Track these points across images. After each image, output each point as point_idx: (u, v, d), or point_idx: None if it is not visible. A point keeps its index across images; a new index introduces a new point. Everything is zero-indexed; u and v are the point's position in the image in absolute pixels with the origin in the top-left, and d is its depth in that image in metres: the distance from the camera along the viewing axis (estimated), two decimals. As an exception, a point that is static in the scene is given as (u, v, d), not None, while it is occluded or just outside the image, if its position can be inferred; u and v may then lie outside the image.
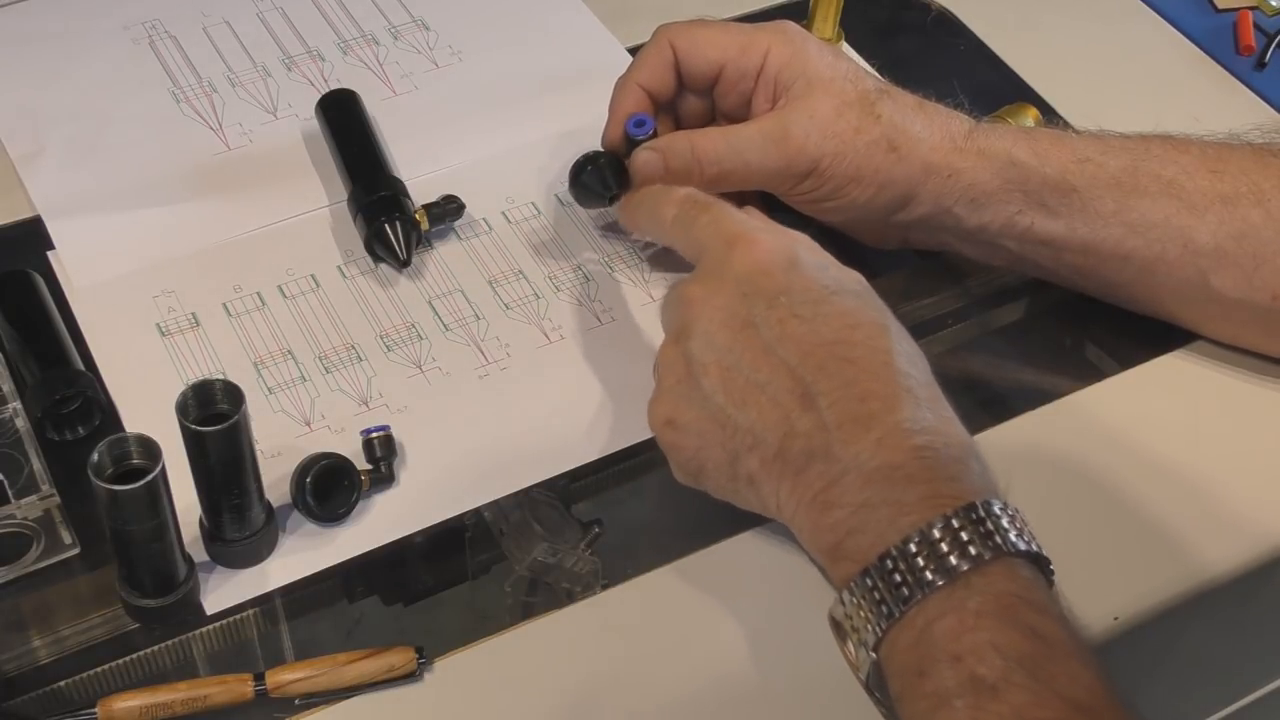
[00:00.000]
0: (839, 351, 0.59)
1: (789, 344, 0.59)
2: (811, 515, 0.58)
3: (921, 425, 0.57)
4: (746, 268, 0.61)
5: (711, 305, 0.61)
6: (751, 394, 0.59)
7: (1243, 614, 0.71)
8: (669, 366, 0.62)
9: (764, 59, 0.71)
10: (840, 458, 0.57)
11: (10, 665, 0.60)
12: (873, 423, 0.57)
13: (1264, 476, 0.68)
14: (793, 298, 0.60)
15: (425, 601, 0.64)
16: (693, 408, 0.60)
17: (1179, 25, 0.93)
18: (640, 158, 0.72)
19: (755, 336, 0.60)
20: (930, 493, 0.55)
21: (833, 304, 0.60)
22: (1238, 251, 0.68)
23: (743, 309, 0.60)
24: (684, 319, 0.62)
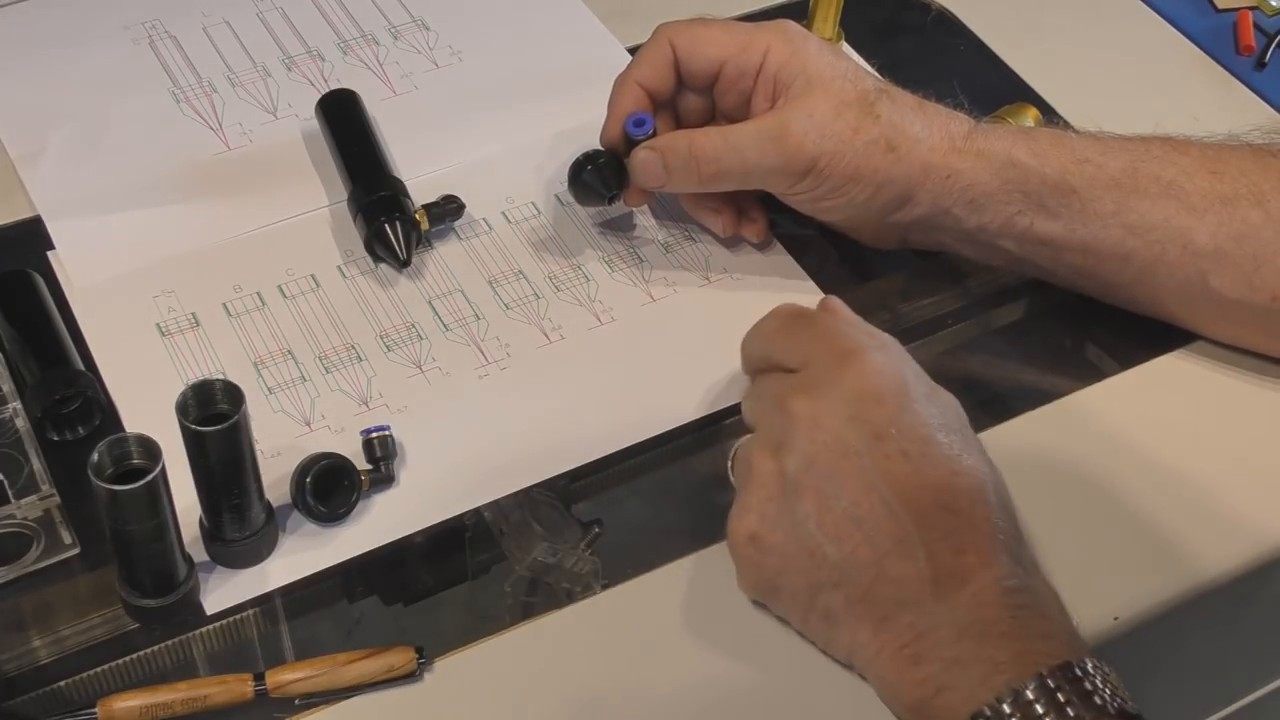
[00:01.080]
0: (941, 500, 0.57)
1: (892, 483, 0.57)
2: (897, 667, 0.56)
3: (1015, 582, 0.55)
4: (857, 390, 0.58)
5: (818, 425, 0.58)
6: (847, 529, 0.57)
7: (1242, 614, 0.71)
8: (761, 480, 0.59)
9: (764, 58, 0.71)
10: (933, 611, 0.55)
11: (10, 665, 0.60)
12: (969, 578, 0.55)
13: (1264, 476, 0.68)
14: (901, 432, 0.57)
15: (425, 601, 0.64)
16: (781, 529, 0.58)
17: (1179, 25, 0.93)
18: (639, 157, 0.72)
19: (859, 468, 0.57)
20: (1024, 649, 0.53)
21: (938, 446, 0.58)
22: (1237, 252, 0.68)
23: (849, 435, 0.57)
24: (784, 432, 0.59)
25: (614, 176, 0.73)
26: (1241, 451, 0.69)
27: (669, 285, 0.75)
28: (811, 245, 0.77)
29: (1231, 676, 0.83)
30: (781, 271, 0.76)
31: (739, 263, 0.77)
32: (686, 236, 0.78)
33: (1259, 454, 0.69)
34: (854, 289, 0.76)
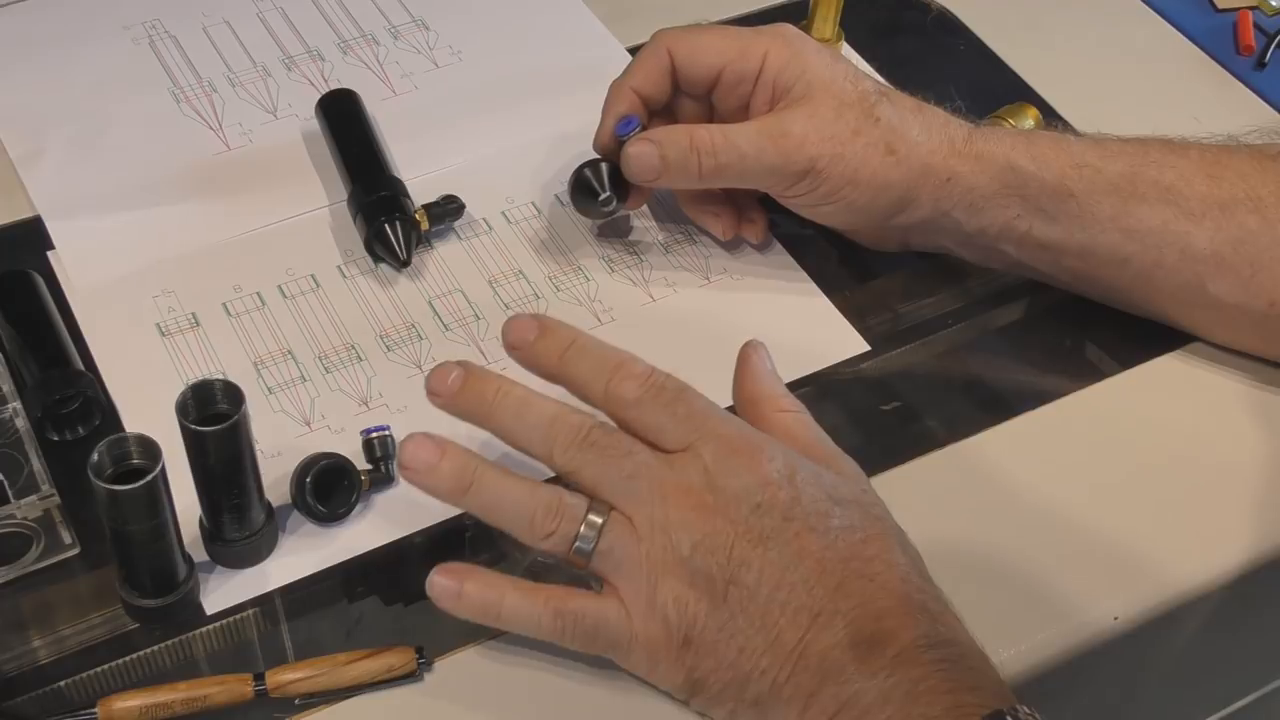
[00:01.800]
0: (853, 568, 0.56)
1: (807, 561, 0.55)
2: None
3: (936, 638, 0.55)
4: (754, 477, 0.56)
5: (722, 514, 0.56)
6: (771, 614, 0.55)
7: (1242, 614, 0.71)
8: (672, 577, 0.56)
9: (762, 62, 0.70)
10: (854, 678, 0.54)
11: (10, 665, 0.60)
12: (889, 641, 0.54)
13: (1264, 477, 0.68)
14: (804, 510, 0.56)
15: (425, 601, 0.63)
16: (709, 628, 0.56)
17: (1179, 25, 0.93)
18: (633, 149, 0.70)
19: (771, 552, 0.56)
20: (955, 703, 0.53)
21: (841, 518, 0.57)
22: (1235, 257, 0.68)
23: (756, 523, 0.56)
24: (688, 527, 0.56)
25: (612, 184, 0.73)
26: (1241, 451, 0.69)
27: (669, 285, 0.75)
28: (811, 245, 0.77)
29: (1231, 676, 0.83)
30: (781, 272, 0.76)
31: (739, 263, 0.77)
32: (686, 236, 0.78)
33: (1259, 454, 0.69)
34: (854, 289, 0.76)
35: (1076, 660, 0.62)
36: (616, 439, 0.58)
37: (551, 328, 0.60)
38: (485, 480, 0.57)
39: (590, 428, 0.57)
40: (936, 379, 0.66)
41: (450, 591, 0.57)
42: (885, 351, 0.73)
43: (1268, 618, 0.76)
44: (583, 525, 0.57)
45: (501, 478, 0.58)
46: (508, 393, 0.58)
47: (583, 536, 0.57)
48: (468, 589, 0.57)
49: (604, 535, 0.56)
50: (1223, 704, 0.84)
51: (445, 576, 0.57)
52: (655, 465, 0.57)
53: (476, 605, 0.57)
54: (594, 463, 0.57)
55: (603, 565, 0.57)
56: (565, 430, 0.57)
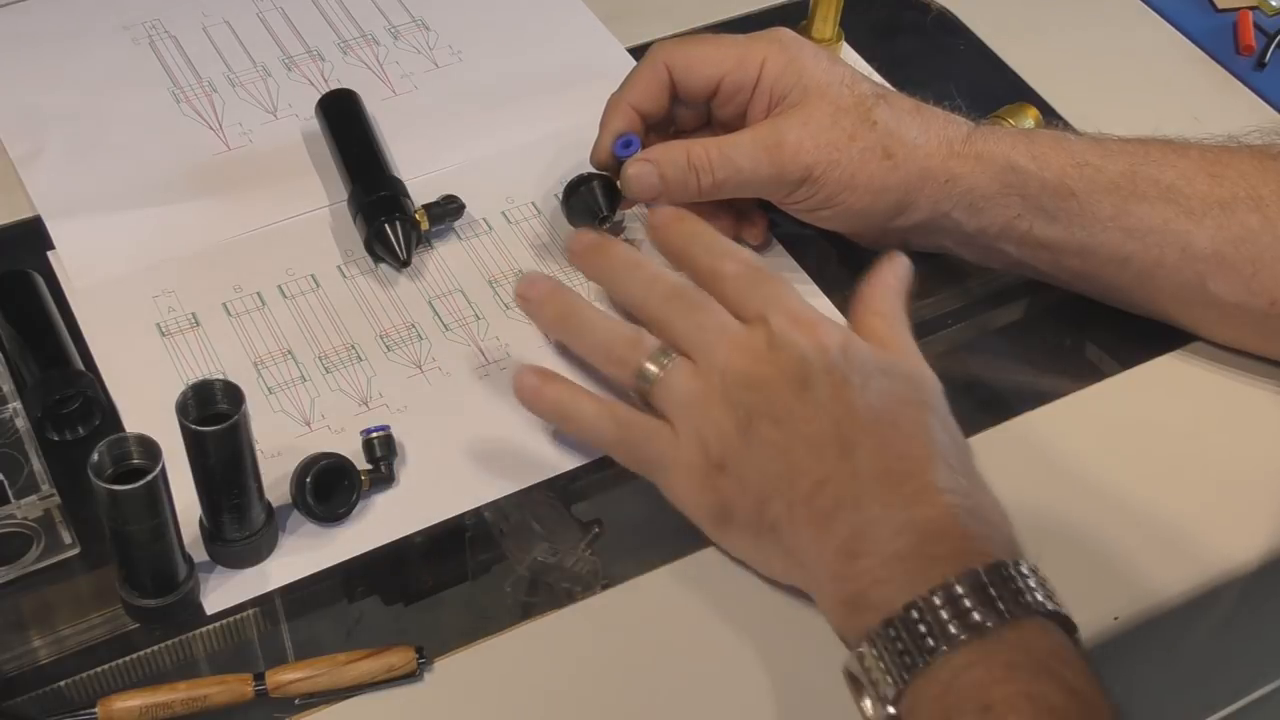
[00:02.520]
0: (885, 416, 0.59)
1: (838, 404, 0.60)
2: (836, 563, 0.57)
3: (955, 486, 0.58)
4: (810, 341, 0.61)
5: (774, 364, 0.61)
6: (795, 445, 0.59)
7: (1242, 614, 0.71)
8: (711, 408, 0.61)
9: (760, 69, 0.70)
10: (869, 506, 0.57)
11: (10, 665, 0.60)
12: (907, 478, 0.58)
13: (1264, 476, 0.68)
14: (850, 367, 0.61)
15: (425, 601, 0.64)
16: (740, 455, 0.60)
17: (1179, 25, 0.93)
18: (633, 169, 0.71)
19: (809, 394, 0.60)
20: (961, 549, 0.55)
21: (883, 381, 0.61)
22: (1236, 256, 0.68)
23: (801, 371, 0.61)
24: (734, 364, 0.61)
25: (606, 199, 0.73)
26: (1241, 451, 0.69)
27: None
28: (811, 245, 0.77)
29: (1231, 676, 0.83)
30: (782, 272, 0.76)
31: (739, 263, 0.77)
32: (686, 236, 0.78)
33: (1259, 454, 0.69)
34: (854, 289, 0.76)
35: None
36: (701, 297, 0.65)
37: (687, 216, 0.69)
38: (581, 312, 0.67)
39: (683, 285, 0.65)
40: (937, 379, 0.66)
41: (532, 388, 0.65)
42: (885, 351, 0.73)
43: (1268, 617, 0.76)
44: (650, 360, 0.63)
45: (594, 313, 0.67)
46: (626, 254, 0.68)
47: (647, 369, 0.63)
48: (547, 389, 0.65)
49: (666, 370, 0.63)
50: (1223, 704, 0.84)
51: (530, 374, 0.65)
52: (727, 322, 0.63)
53: (551, 402, 0.65)
54: (677, 313, 0.64)
55: (661, 395, 0.63)
56: (662, 285, 0.66)
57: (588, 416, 0.64)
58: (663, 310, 0.65)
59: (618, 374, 0.65)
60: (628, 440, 0.63)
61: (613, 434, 0.64)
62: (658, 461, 0.63)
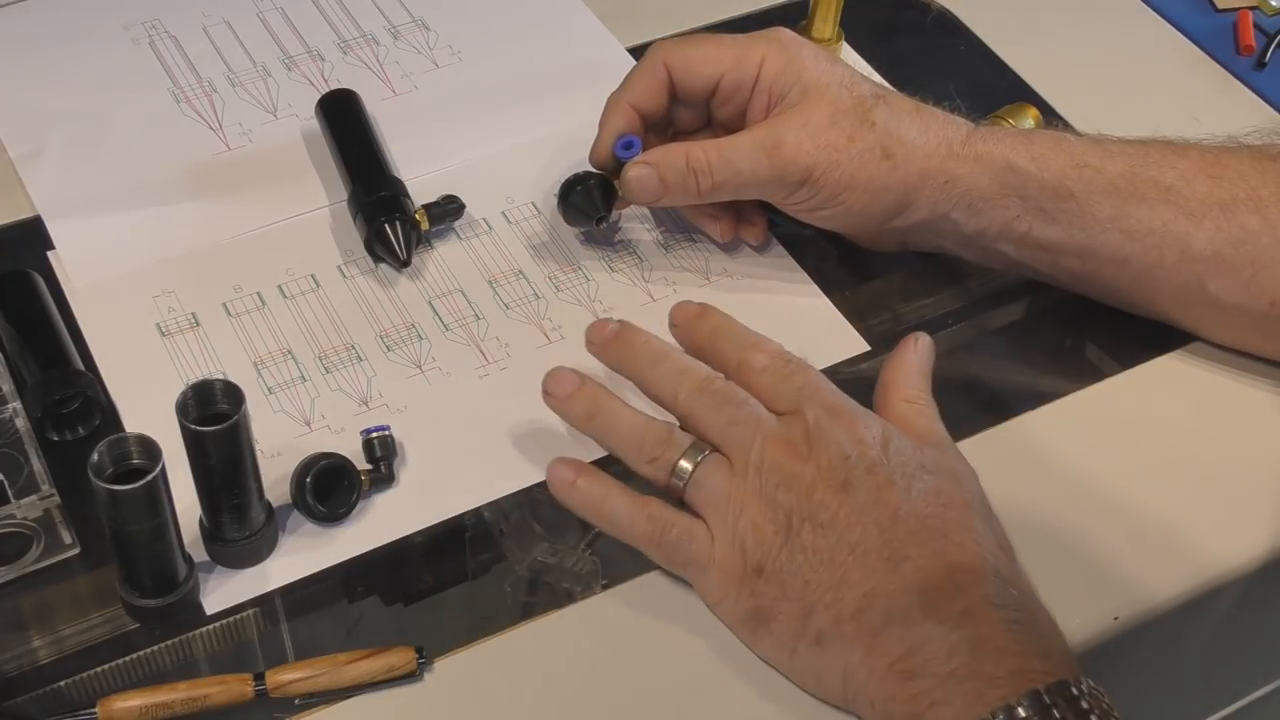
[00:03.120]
0: (930, 524, 0.58)
1: (883, 509, 0.58)
2: (889, 684, 0.55)
3: (1008, 600, 0.56)
4: (849, 436, 0.60)
5: (814, 461, 0.59)
6: (840, 554, 0.58)
7: (1242, 614, 0.71)
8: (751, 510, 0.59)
9: (759, 69, 0.70)
10: (922, 624, 0.55)
11: (10, 665, 0.60)
12: (959, 594, 0.56)
13: (1264, 476, 0.68)
14: (892, 465, 0.59)
15: (425, 601, 0.64)
16: (780, 559, 0.58)
17: (1179, 25, 0.93)
18: (633, 173, 0.71)
19: (851, 498, 0.58)
20: (1020, 667, 0.53)
21: (927, 481, 0.59)
22: (1235, 258, 0.67)
23: (842, 471, 0.59)
24: (773, 465, 0.60)
25: (602, 199, 0.73)
26: (1241, 451, 0.69)
27: (669, 285, 0.75)
28: (811, 245, 0.77)
29: (1231, 676, 0.83)
30: (781, 272, 0.76)
31: (739, 263, 0.77)
32: (686, 237, 0.78)
33: (1259, 454, 0.69)
34: (854, 289, 0.76)
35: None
36: (732, 390, 0.63)
37: (712, 310, 0.67)
38: (610, 409, 0.64)
39: (713, 378, 0.63)
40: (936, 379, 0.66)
41: (565, 481, 0.63)
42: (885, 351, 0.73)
43: (1268, 617, 0.76)
44: (683, 457, 0.61)
45: (623, 409, 0.64)
46: (650, 345, 0.65)
47: (681, 466, 0.61)
48: (580, 482, 0.62)
49: (700, 467, 0.61)
50: (1223, 704, 0.84)
51: (564, 467, 0.63)
52: (761, 416, 0.61)
53: (584, 497, 0.62)
54: (708, 408, 0.62)
55: (695, 494, 0.61)
56: (691, 379, 0.63)
57: (622, 515, 0.62)
58: (693, 405, 0.62)
59: (650, 473, 0.62)
60: (664, 541, 0.61)
61: (647, 533, 0.61)
62: (693, 562, 0.61)
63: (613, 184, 0.73)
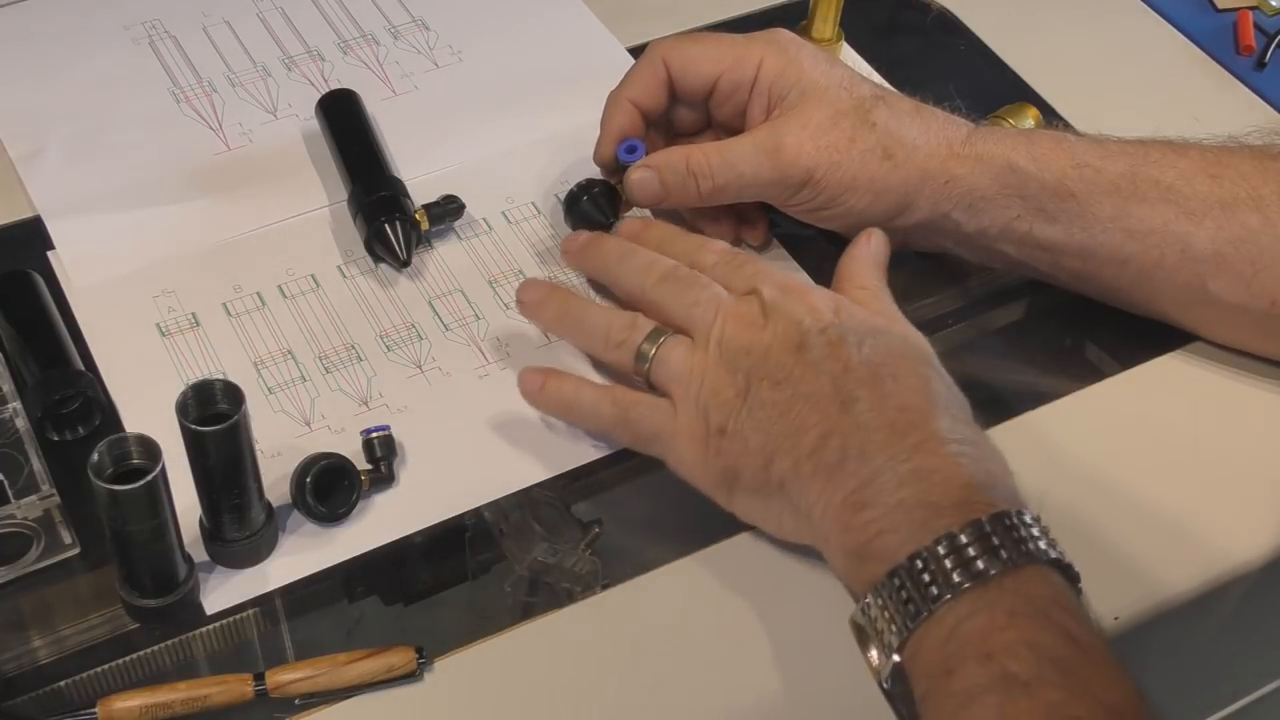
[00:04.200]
0: (882, 371, 0.60)
1: (836, 362, 0.60)
2: (843, 515, 0.58)
3: (958, 435, 0.58)
4: (803, 306, 0.63)
5: (770, 329, 0.62)
6: (796, 403, 0.60)
7: (1243, 614, 0.71)
8: (710, 377, 0.62)
9: (758, 70, 0.71)
10: (874, 457, 0.57)
11: (10, 665, 0.60)
12: (910, 430, 0.58)
13: (1264, 477, 0.68)
14: (845, 327, 0.62)
15: (425, 601, 0.64)
16: (740, 420, 0.61)
17: (1179, 25, 0.93)
18: (635, 176, 0.72)
19: (806, 355, 0.61)
20: (964, 498, 0.56)
21: (878, 339, 0.62)
22: (1236, 257, 0.68)
23: (797, 335, 0.62)
24: (729, 332, 0.63)
25: (609, 205, 0.74)
26: (1242, 451, 0.69)
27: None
28: (811, 245, 0.77)
29: (1232, 676, 0.83)
30: (781, 271, 0.76)
31: (739, 263, 0.77)
32: (686, 236, 0.78)
33: (1259, 454, 0.69)
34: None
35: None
36: (695, 276, 0.66)
37: (655, 222, 0.74)
38: (577, 306, 0.69)
39: (677, 267, 0.67)
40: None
41: (535, 385, 0.67)
42: (885, 351, 0.73)
43: (1268, 617, 0.76)
44: (645, 340, 0.65)
45: (590, 305, 0.69)
46: (618, 244, 0.71)
47: (644, 348, 0.65)
48: (550, 384, 0.67)
49: (662, 347, 0.64)
50: (1223, 704, 0.84)
51: (532, 373, 0.67)
52: (721, 295, 0.65)
53: (553, 396, 0.67)
54: (672, 294, 0.66)
55: (659, 373, 0.64)
56: (657, 269, 0.67)
57: (587, 402, 0.66)
58: (658, 292, 0.66)
59: (617, 358, 0.66)
60: (629, 419, 0.64)
61: (613, 415, 0.65)
62: (659, 435, 0.64)
63: (617, 189, 0.74)
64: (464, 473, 0.67)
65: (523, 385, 0.67)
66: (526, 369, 0.67)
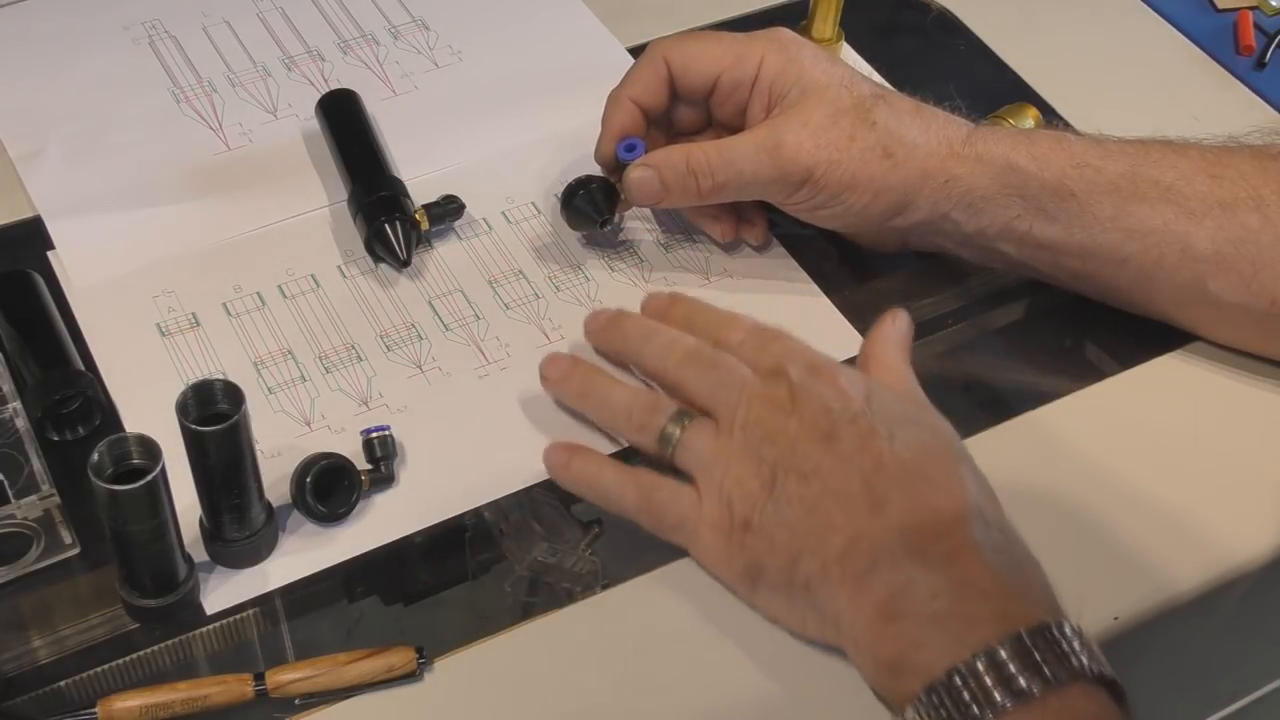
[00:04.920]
0: (914, 469, 0.58)
1: (867, 457, 0.58)
2: (874, 625, 0.56)
3: (991, 542, 0.56)
4: (832, 390, 0.61)
5: (797, 415, 0.60)
6: (824, 501, 0.58)
7: (1243, 614, 0.71)
8: (735, 465, 0.60)
9: (758, 69, 0.70)
10: (906, 565, 0.55)
11: (10, 665, 0.60)
12: (942, 535, 0.56)
13: (1264, 477, 0.68)
14: (875, 415, 0.60)
15: (425, 601, 0.64)
16: (766, 512, 0.59)
17: (1179, 25, 0.93)
18: (634, 174, 0.72)
19: (835, 448, 0.59)
20: (1001, 610, 0.54)
21: (910, 431, 0.60)
22: (1236, 257, 0.67)
23: (826, 423, 0.60)
24: (756, 420, 0.61)
25: (605, 202, 0.74)
26: (1241, 452, 0.69)
27: (669, 285, 0.75)
28: (811, 245, 0.77)
29: (1231, 676, 0.83)
30: (781, 272, 0.76)
31: (739, 263, 0.77)
32: (686, 237, 0.78)
33: (1259, 454, 0.69)
34: (854, 289, 0.76)
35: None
36: (719, 356, 0.64)
37: (682, 297, 0.70)
38: (601, 384, 0.66)
39: (700, 346, 0.65)
40: (936, 379, 0.66)
41: (560, 463, 0.65)
42: (885, 351, 0.73)
43: (1268, 617, 0.76)
44: (670, 422, 0.63)
45: (614, 383, 0.66)
46: (641, 324, 0.68)
47: (668, 430, 0.62)
48: (575, 462, 0.64)
49: (687, 430, 0.62)
50: (1223, 704, 0.84)
51: (559, 450, 0.65)
52: (746, 377, 0.63)
53: (578, 475, 0.64)
54: (696, 374, 0.64)
55: (683, 457, 0.62)
56: (679, 348, 0.65)
57: (611, 484, 0.63)
58: (681, 372, 0.64)
59: (641, 441, 0.64)
60: (652, 505, 0.62)
61: (636, 500, 0.62)
62: (683, 524, 0.62)
63: (615, 186, 0.74)
64: (464, 473, 0.67)
65: (548, 460, 0.65)
66: (553, 445, 0.65)
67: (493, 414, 0.69)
